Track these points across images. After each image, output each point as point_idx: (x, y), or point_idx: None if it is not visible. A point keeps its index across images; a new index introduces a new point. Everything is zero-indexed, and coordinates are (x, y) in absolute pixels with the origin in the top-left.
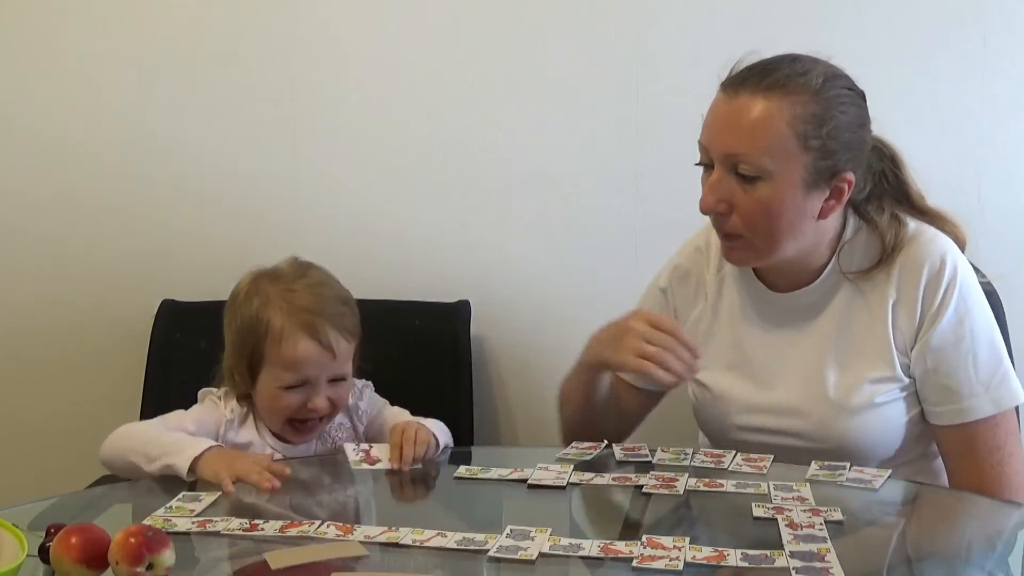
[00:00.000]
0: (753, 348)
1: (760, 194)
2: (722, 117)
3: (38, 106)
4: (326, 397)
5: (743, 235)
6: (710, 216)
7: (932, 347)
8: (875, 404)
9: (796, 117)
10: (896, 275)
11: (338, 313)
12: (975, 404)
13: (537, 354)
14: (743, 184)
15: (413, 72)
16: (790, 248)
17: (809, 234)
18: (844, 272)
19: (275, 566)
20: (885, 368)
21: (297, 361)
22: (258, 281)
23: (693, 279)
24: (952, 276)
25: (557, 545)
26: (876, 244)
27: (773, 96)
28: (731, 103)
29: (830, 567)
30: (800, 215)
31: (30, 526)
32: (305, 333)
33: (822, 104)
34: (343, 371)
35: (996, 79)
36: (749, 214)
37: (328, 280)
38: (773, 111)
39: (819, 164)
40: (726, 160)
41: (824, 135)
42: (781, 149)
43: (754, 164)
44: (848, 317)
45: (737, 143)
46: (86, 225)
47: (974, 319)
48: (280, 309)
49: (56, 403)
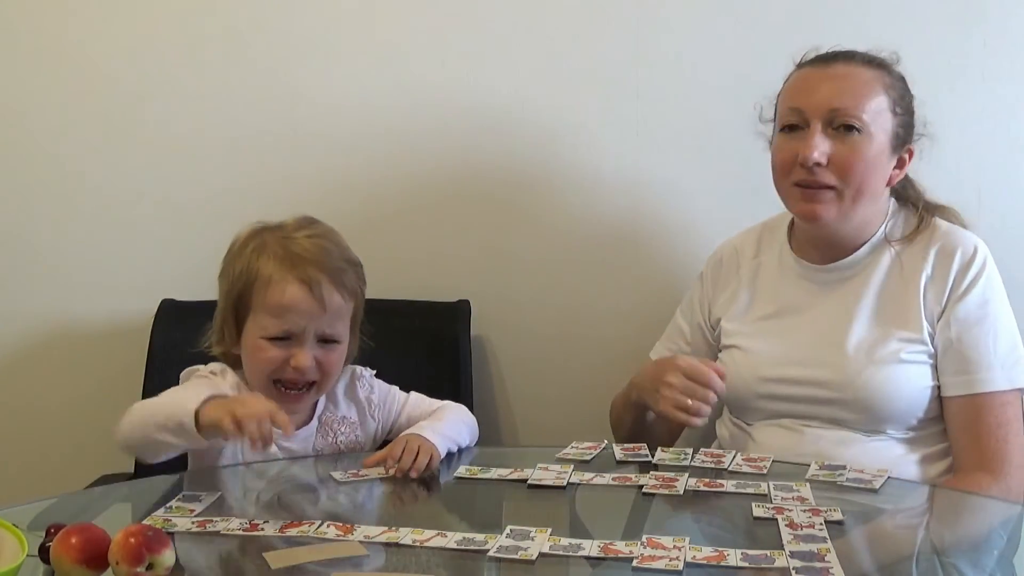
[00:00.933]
0: (788, 313)
1: (859, 145)
2: (821, 79)
3: (38, 106)
4: (312, 357)
5: (835, 186)
6: (805, 168)
7: (957, 318)
8: (900, 360)
9: (889, 86)
10: (932, 256)
11: (336, 267)
12: (991, 376)
13: (537, 354)
14: (842, 137)
15: (412, 71)
16: (864, 210)
17: (879, 199)
18: (889, 240)
19: (275, 566)
20: (914, 329)
21: (283, 306)
22: (259, 230)
23: (725, 266)
24: (983, 264)
25: (557, 545)
26: (913, 219)
27: (868, 67)
28: (827, 70)
29: (830, 567)
30: (882, 175)
31: (30, 526)
32: (295, 278)
33: (902, 82)
34: (334, 331)
35: (996, 79)
36: (845, 164)
37: (334, 236)
38: (871, 78)
39: (899, 131)
40: (829, 115)
41: (905, 106)
42: (879, 108)
43: (857, 116)
44: (885, 280)
45: (842, 98)
46: (86, 225)
47: (998, 304)
48: (274, 255)
49: (56, 403)
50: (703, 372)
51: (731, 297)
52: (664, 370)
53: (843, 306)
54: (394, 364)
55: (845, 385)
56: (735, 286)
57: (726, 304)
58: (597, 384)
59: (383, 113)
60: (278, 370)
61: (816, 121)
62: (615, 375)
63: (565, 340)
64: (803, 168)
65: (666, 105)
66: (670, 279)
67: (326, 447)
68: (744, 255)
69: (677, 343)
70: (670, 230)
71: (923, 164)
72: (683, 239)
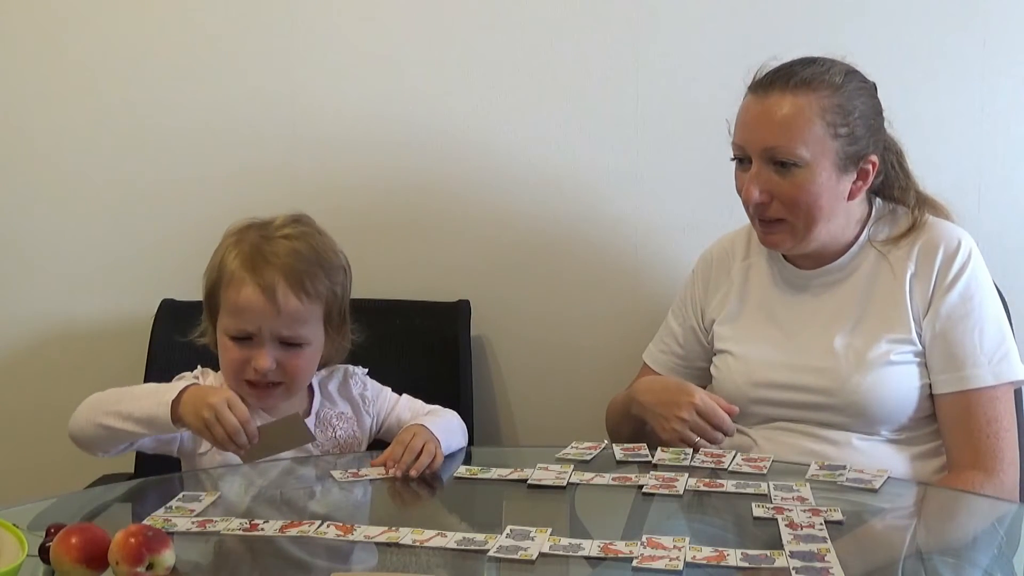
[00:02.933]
0: (778, 318)
1: (798, 180)
2: (756, 116)
3: (38, 106)
4: (272, 359)
5: (784, 219)
6: (751, 206)
7: (941, 315)
8: (890, 362)
9: (824, 109)
10: (916, 252)
11: (300, 269)
12: (977, 373)
13: (537, 354)
14: (781, 173)
15: (412, 71)
16: (824, 230)
17: (840, 216)
18: (873, 242)
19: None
20: (902, 329)
21: (239, 307)
22: (246, 226)
23: (716, 268)
24: (966, 258)
25: (557, 545)
26: (904, 218)
27: (801, 93)
28: (763, 103)
29: (830, 567)
30: (834, 196)
31: (30, 526)
32: (252, 279)
33: (844, 97)
34: (294, 334)
35: (996, 79)
36: (789, 199)
37: (311, 238)
38: (803, 105)
39: (847, 149)
40: (764, 153)
41: (849, 123)
42: (814, 138)
43: (791, 153)
44: (872, 281)
45: (774, 137)
46: (86, 225)
47: (983, 298)
48: (241, 253)
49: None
50: (717, 415)
51: (723, 300)
52: (677, 403)
53: (832, 310)
54: (394, 364)
55: (836, 390)
56: (726, 288)
57: (718, 307)
58: (597, 384)
59: (383, 114)
60: (240, 370)
61: (756, 160)
62: (615, 375)
63: (565, 340)
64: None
65: (666, 105)
66: (669, 279)
67: (325, 441)
68: (735, 257)
69: (669, 345)
70: (669, 230)
71: (923, 164)
72: (682, 239)
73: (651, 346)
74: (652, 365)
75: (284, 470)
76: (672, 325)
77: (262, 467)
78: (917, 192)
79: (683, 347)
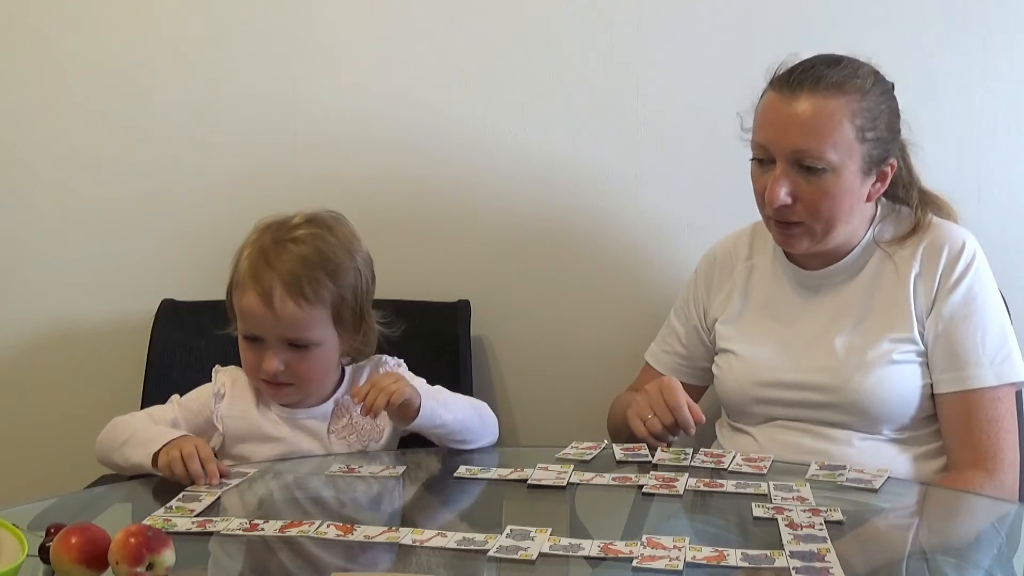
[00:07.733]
0: (782, 318)
1: (825, 184)
2: (785, 117)
3: (38, 106)
4: (279, 361)
5: (804, 222)
6: (772, 208)
7: (944, 315)
8: (892, 361)
9: (854, 113)
10: (921, 252)
11: (300, 275)
12: (979, 373)
13: (537, 354)
14: (807, 176)
15: (411, 71)
16: (842, 232)
17: (856, 217)
18: (878, 242)
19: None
20: (904, 329)
21: (244, 312)
22: (266, 225)
23: (719, 267)
24: (970, 259)
25: (557, 545)
26: (908, 218)
27: (832, 96)
28: (792, 104)
29: (830, 567)
30: (855, 199)
31: (30, 526)
32: (253, 286)
33: (872, 100)
34: (299, 337)
35: (996, 79)
36: (813, 202)
37: (321, 240)
38: (835, 110)
39: (872, 153)
40: (791, 156)
41: (876, 127)
42: (843, 142)
43: (821, 158)
44: (876, 281)
45: (804, 140)
46: (86, 225)
47: (986, 299)
48: (250, 257)
49: (56, 403)
50: (676, 397)
51: (726, 299)
52: (649, 387)
53: (835, 310)
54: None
55: (838, 389)
56: (729, 288)
57: (721, 307)
58: (597, 384)
59: (383, 115)
60: (255, 369)
61: (781, 162)
62: (615, 375)
63: (565, 340)
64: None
65: (666, 105)
66: (670, 279)
67: (340, 427)
68: (738, 256)
69: (672, 345)
70: (669, 230)
71: (923, 164)
72: (682, 239)
73: (653, 346)
74: (654, 365)
75: (284, 470)
76: (674, 325)
77: (262, 468)
78: (920, 190)
79: (686, 347)
